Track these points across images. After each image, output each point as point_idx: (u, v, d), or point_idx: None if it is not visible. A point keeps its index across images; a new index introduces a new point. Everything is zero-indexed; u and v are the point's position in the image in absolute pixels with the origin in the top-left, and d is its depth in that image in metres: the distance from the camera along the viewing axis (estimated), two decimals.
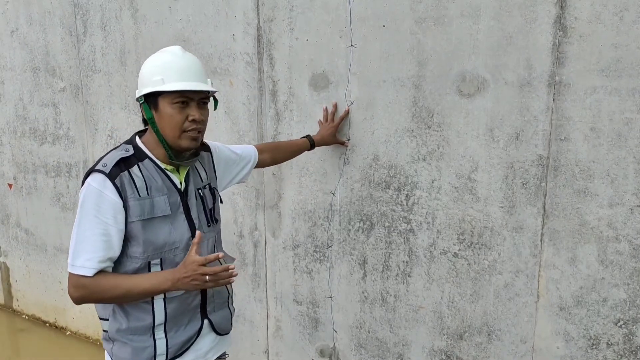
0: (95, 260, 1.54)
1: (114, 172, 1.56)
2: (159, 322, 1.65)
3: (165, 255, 1.63)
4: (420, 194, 2.33)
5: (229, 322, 1.86)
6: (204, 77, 1.67)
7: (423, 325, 2.44)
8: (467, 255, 2.27)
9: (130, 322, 1.64)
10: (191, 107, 1.62)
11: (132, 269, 1.61)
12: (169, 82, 1.59)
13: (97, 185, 1.55)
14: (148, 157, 1.66)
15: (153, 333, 1.65)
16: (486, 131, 2.14)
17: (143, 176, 1.61)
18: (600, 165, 1.95)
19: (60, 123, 3.63)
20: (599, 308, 2.04)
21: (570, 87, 1.95)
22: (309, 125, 2.55)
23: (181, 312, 1.68)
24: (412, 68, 2.25)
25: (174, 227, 1.64)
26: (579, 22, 1.91)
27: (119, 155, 1.61)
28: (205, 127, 1.69)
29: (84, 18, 3.31)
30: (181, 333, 1.69)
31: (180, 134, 1.61)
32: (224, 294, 1.84)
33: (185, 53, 1.67)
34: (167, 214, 1.63)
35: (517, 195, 2.12)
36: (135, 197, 1.58)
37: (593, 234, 2.00)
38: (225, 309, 1.84)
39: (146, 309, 1.64)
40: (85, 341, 3.89)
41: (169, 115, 1.60)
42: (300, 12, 2.48)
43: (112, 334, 1.67)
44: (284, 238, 2.78)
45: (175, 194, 1.67)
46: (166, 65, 1.61)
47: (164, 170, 1.66)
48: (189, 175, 1.74)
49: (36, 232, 4.01)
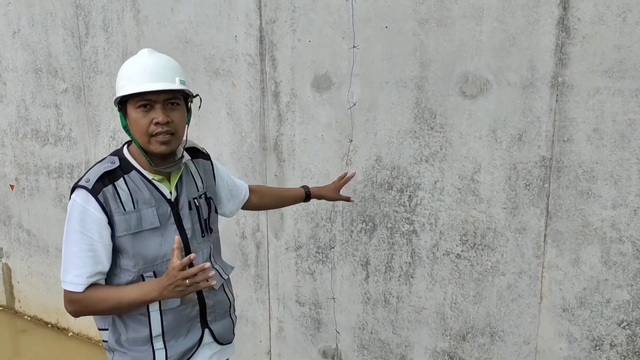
0: (84, 276, 1.53)
1: (96, 188, 1.53)
2: (157, 333, 1.63)
3: (158, 268, 1.61)
4: (423, 195, 2.33)
5: (231, 332, 1.84)
6: (172, 77, 1.56)
7: (426, 326, 2.44)
8: (470, 256, 2.27)
9: (128, 333, 1.63)
10: (155, 109, 1.54)
11: (125, 281, 1.60)
12: (129, 86, 1.54)
13: (81, 202, 1.53)
14: (134, 168, 1.61)
15: (152, 343, 1.63)
16: (489, 132, 2.14)
17: (129, 189, 1.58)
18: (603, 167, 1.95)
19: (62, 124, 3.63)
20: (602, 309, 2.04)
21: (573, 88, 1.95)
22: (311, 127, 2.56)
23: (178, 323, 1.66)
24: (415, 69, 2.25)
25: (165, 239, 1.61)
26: (581, 23, 1.91)
27: (102, 169, 1.57)
28: (178, 129, 1.59)
29: (86, 19, 3.31)
30: (181, 343, 1.67)
31: (148, 139, 1.55)
32: (225, 303, 1.80)
33: (151, 54, 1.60)
34: (157, 226, 1.60)
35: (520, 196, 2.12)
36: (120, 212, 1.55)
37: (596, 235, 2.00)
38: (226, 318, 1.81)
39: (142, 320, 1.62)
40: (87, 342, 3.89)
41: (134, 120, 1.55)
42: (303, 13, 2.48)
43: (111, 345, 1.66)
44: (286, 239, 2.78)
45: (164, 204, 1.62)
46: (130, 69, 1.57)
47: (151, 181, 1.62)
48: (180, 184, 1.68)
49: (38, 234, 4.01)
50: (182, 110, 1.62)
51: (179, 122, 1.59)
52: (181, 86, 1.58)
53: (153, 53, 1.62)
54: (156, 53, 1.63)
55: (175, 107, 1.59)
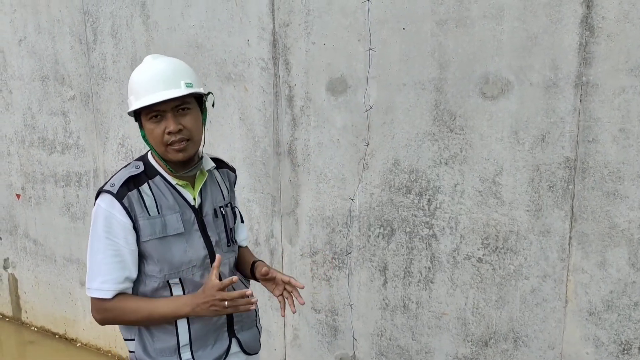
0: (112, 282, 1.51)
1: (121, 192, 1.53)
2: (184, 342, 1.61)
3: (183, 274, 1.59)
4: (442, 199, 2.29)
5: (257, 341, 1.81)
6: (177, 82, 1.52)
7: (446, 332, 2.39)
8: (491, 260, 2.23)
9: (155, 344, 1.61)
10: (166, 118, 1.52)
11: (151, 288, 1.58)
12: (136, 101, 1.53)
13: (106, 206, 1.52)
14: (159, 173, 1.61)
15: (179, 353, 1.61)
16: (511, 133, 2.10)
17: (153, 194, 1.57)
18: (630, 167, 1.91)
19: (69, 132, 3.59)
20: (630, 312, 2.00)
21: (598, 88, 1.92)
22: (327, 131, 2.52)
23: (206, 332, 1.64)
24: (434, 71, 2.21)
25: (189, 245, 1.59)
26: (606, 21, 1.88)
27: (127, 174, 1.57)
28: (193, 134, 1.56)
29: (94, 26, 3.28)
30: (209, 353, 1.64)
31: (165, 148, 1.54)
32: (251, 312, 1.78)
33: (155, 61, 1.56)
34: (181, 232, 1.58)
35: (543, 198, 2.08)
36: (145, 217, 1.54)
37: (623, 237, 1.96)
38: (253, 327, 1.79)
39: (170, 330, 1.60)
40: (96, 353, 3.83)
41: (149, 131, 1.55)
42: (317, 15, 2.45)
43: (139, 355, 1.63)
44: (301, 245, 2.74)
45: (188, 211, 1.61)
46: (135, 81, 1.55)
47: (174, 187, 1.61)
48: (205, 191, 1.67)
49: (45, 243, 3.96)
50: (195, 112, 1.58)
51: (193, 126, 1.56)
52: (187, 90, 1.52)
53: (157, 59, 1.58)
54: (160, 58, 1.59)
55: (187, 112, 1.55)
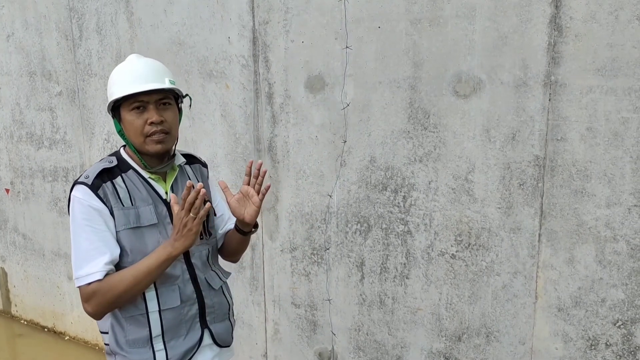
0: (101, 263, 1.54)
1: (96, 183, 1.57)
2: (156, 333, 1.64)
3: None
4: (417, 196, 2.32)
5: (230, 334, 1.84)
6: (161, 78, 1.61)
7: (421, 327, 2.43)
8: (464, 256, 2.26)
9: (128, 335, 1.63)
10: (149, 110, 1.59)
11: None
12: (121, 90, 1.58)
13: (81, 196, 1.56)
14: (132, 167, 1.66)
15: (152, 344, 1.63)
16: (482, 132, 2.13)
17: (126, 187, 1.62)
18: (597, 165, 1.94)
19: (57, 127, 3.62)
20: (597, 309, 2.03)
21: (566, 87, 1.95)
22: (305, 128, 2.55)
23: (178, 322, 1.66)
24: (408, 69, 2.24)
25: (162, 237, 1.63)
26: (574, 21, 1.90)
27: (101, 166, 1.62)
28: (172, 129, 1.64)
29: (80, 22, 3.30)
30: (181, 343, 1.67)
31: (144, 139, 1.59)
32: (224, 305, 1.81)
33: (140, 59, 1.65)
34: (154, 223, 1.62)
35: (514, 196, 2.11)
36: (119, 207, 1.58)
37: (591, 234, 1.99)
38: (225, 320, 1.81)
39: (142, 321, 1.63)
40: (84, 346, 3.87)
41: (129, 122, 1.60)
42: (296, 14, 2.47)
43: (112, 347, 1.66)
44: (281, 241, 2.77)
45: (161, 204, 1.66)
46: (120, 74, 1.62)
47: (147, 181, 1.65)
48: (176, 185, 1.71)
49: (34, 237, 4.00)
50: (174, 109, 1.68)
51: (172, 121, 1.65)
52: (171, 86, 1.63)
53: (141, 58, 1.67)
54: (144, 57, 1.68)
55: (168, 107, 1.64)
